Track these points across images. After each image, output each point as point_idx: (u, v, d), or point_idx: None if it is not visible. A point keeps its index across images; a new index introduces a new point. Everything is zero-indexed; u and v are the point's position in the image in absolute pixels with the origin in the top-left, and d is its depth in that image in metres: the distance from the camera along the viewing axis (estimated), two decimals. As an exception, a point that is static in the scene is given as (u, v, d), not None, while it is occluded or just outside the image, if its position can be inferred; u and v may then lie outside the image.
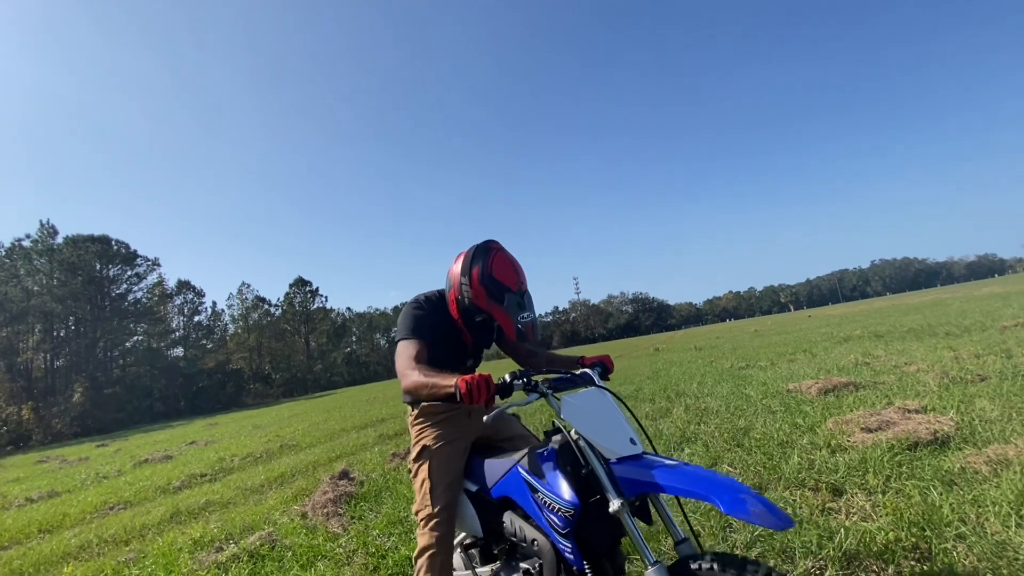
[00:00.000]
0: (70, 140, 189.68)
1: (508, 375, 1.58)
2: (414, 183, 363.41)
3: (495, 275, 1.81)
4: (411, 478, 2.08)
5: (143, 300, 56.50)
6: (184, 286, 63.72)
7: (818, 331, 16.89)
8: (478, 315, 1.90)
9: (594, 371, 1.88)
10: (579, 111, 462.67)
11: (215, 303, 72.25)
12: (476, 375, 1.54)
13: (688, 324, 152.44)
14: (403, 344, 1.89)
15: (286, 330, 76.03)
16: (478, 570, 1.99)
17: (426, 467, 1.95)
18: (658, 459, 1.47)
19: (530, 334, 1.83)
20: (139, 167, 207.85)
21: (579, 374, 1.84)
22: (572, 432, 1.60)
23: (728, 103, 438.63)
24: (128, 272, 55.02)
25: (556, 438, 1.66)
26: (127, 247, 54.63)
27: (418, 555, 1.86)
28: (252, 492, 6.07)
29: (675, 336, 48.90)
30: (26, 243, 48.46)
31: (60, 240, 50.29)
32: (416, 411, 2.09)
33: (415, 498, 1.99)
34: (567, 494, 1.52)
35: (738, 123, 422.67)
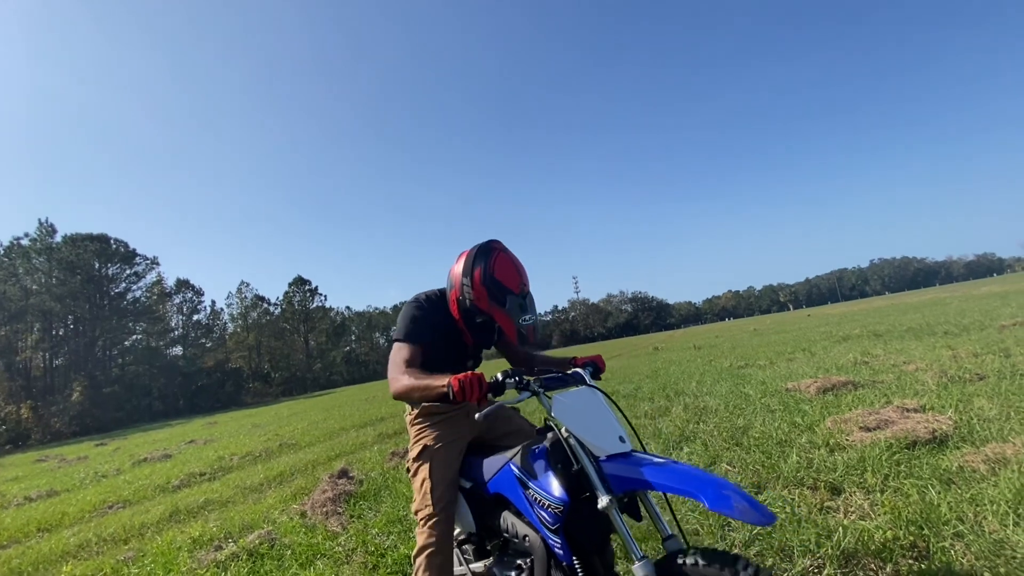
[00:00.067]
0: (68, 138, 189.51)
1: (500, 374, 1.60)
2: (413, 182, 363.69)
3: (497, 276, 1.80)
4: (410, 477, 2.07)
5: (142, 299, 56.51)
6: (183, 285, 63.77)
7: (817, 330, 16.91)
8: (479, 316, 1.89)
9: (585, 371, 1.90)
10: (578, 110, 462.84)
11: (214, 302, 72.00)
12: (469, 373, 1.55)
13: (687, 323, 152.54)
14: (396, 347, 1.89)
15: (285, 329, 76.02)
16: (471, 566, 2.01)
17: (427, 467, 1.95)
18: (646, 457, 1.49)
19: (531, 336, 1.83)
20: (138, 165, 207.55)
21: (570, 373, 1.85)
22: (563, 430, 1.61)
23: (728, 102, 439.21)
24: (127, 271, 55.03)
25: (548, 436, 1.68)
26: (126, 246, 54.62)
27: (417, 553, 1.86)
28: (251, 491, 6.07)
29: (674, 335, 48.96)
30: (25, 242, 48.48)
31: (59, 239, 50.30)
32: (416, 411, 2.09)
33: (414, 497, 1.99)
34: (557, 491, 1.54)
35: (737, 122, 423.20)
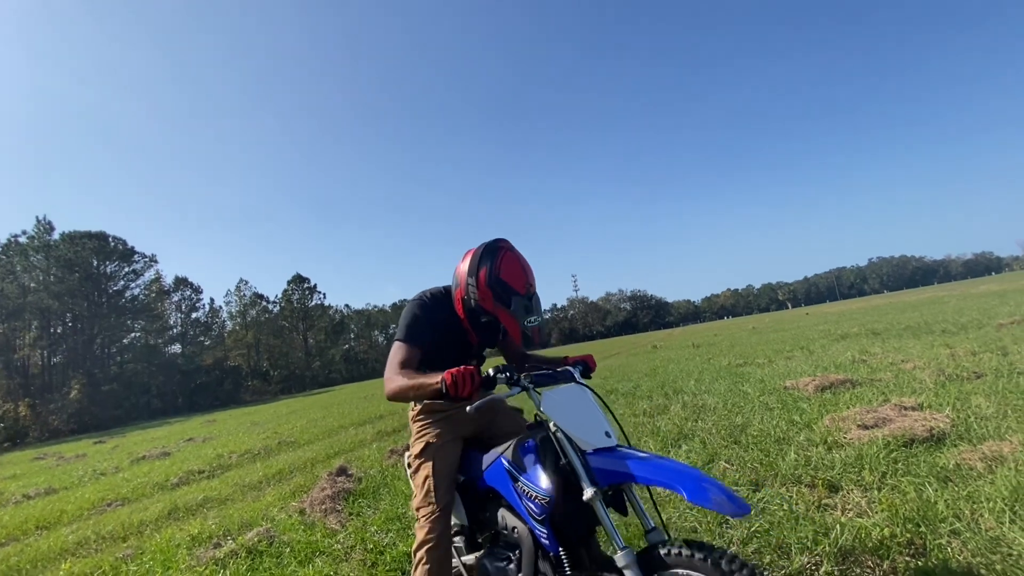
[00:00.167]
0: (66, 135, 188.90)
1: (492, 369, 1.64)
2: (412, 180, 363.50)
3: (503, 277, 1.78)
4: (411, 473, 2.08)
5: (140, 297, 56.35)
6: (182, 283, 63.54)
7: (815, 328, 16.95)
8: (484, 316, 1.89)
9: (576, 369, 1.94)
10: (578, 108, 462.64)
11: (213, 300, 72.07)
12: (462, 367, 1.58)
13: (686, 321, 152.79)
14: (396, 347, 1.90)
15: (284, 327, 75.91)
16: (463, 558, 2.07)
17: (429, 465, 1.96)
18: (631, 451, 1.55)
19: (535, 337, 1.84)
20: (136, 163, 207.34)
21: (561, 371, 1.89)
22: (551, 424, 1.67)
23: (728, 101, 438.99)
24: (125, 268, 54.84)
25: (537, 431, 1.74)
26: (124, 243, 54.42)
27: (417, 548, 1.87)
28: (250, 489, 6.08)
29: (673, 333, 49.02)
30: (22, 239, 48.22)
31: (56, 236, 50.03)
32: (419, 407, 2.09)
33: (415, 493, 2.00)
34: (544, 483, 1.60)
35: (737, 121, 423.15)
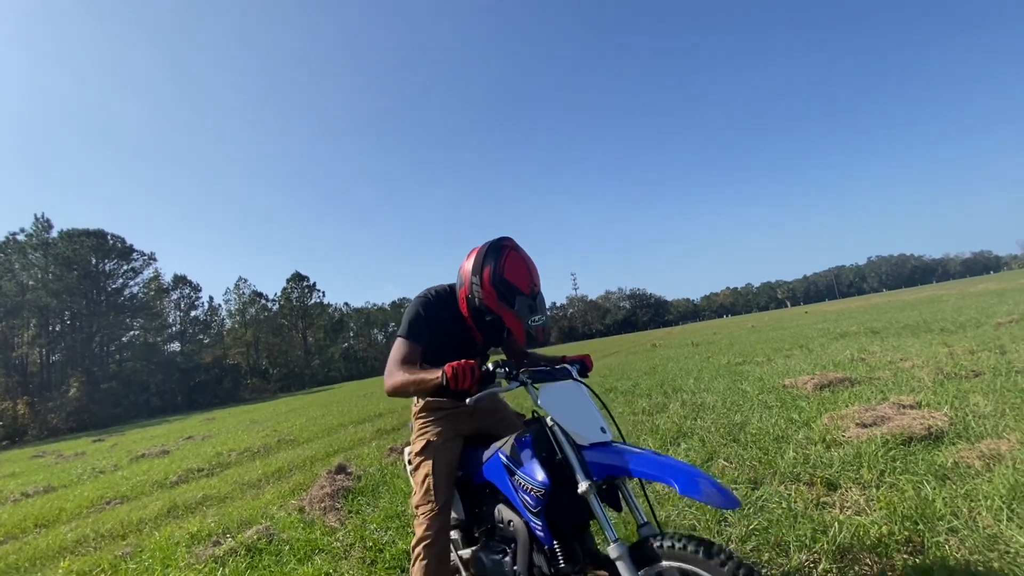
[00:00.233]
0: (66, 135, 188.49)
1: (491, 364, 1.67)
2: (412, 178, 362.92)
3: (507, 276, 1.78)
4: (411, 471, 2.08)
5: (139, 295, 56.29)
6: (181, 281, 63.49)
7: (814, 327, 16.96)
8: (488, 315, 1.90)
9: (573, 367, 1.97)
10: (578, 108, 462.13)
11: (212, 298, 72.15)
12: (462, 361, 1.60)
13: (685, 320, 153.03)
14: (398, 343, 1.91)
15: (283, 325, 75.89)
16: (459, 552, 2.10)
17: (430, 463, 1.97)
18: (625, 446, 1.58)
19: (540, 336, 1.86)
20: (135, 161, 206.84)
21: (558, 368, 1.91)
22: (548, 419, 1.70)
23: (727, 99, 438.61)
24: (124, 267, 54.76)
25: (534, 426, 1.77)
26: (123, 241, 54.35)
27: (416, 544, 1.88)
28: (249, 487, 6.08)
29: (672, 332, 49.07)
30: (21, 237, 48.15)
31: (55, 234, 50.00)
32: (422, 403, 2.10)
33: (415, 491, 2.01)
34: (540, 475, 1.63)
35: (737, 120, 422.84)
